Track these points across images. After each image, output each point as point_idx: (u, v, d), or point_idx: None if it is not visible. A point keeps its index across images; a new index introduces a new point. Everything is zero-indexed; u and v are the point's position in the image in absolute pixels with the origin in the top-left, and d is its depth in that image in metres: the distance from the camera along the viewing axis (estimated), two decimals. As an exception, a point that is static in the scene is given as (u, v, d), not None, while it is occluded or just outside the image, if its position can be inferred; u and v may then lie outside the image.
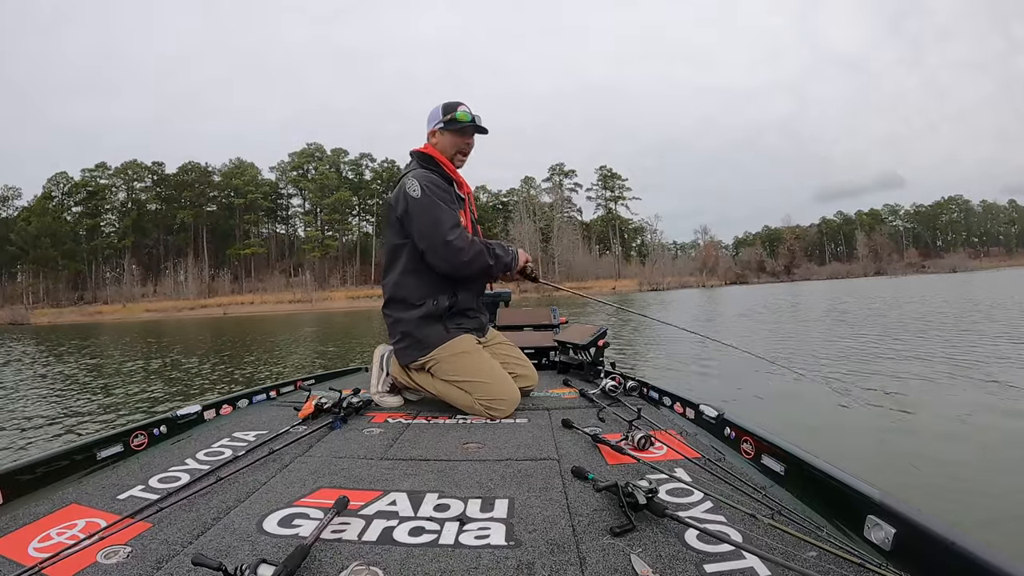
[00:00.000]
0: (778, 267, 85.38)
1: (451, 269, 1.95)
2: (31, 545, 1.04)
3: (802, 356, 7.02)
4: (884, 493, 1.00)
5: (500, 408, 1.92)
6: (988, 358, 5.91)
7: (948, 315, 11.33)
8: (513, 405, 1.95)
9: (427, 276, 2.01)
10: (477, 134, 2.07)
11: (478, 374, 1.97)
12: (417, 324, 2.02)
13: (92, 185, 71.14)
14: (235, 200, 73.83)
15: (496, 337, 2.29)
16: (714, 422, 1.70)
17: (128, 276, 68.11)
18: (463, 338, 2.06)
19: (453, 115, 1.98)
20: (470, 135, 2.05)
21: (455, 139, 2.02)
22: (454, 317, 2.07)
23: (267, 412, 2.11)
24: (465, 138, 2.04)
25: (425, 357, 2.03)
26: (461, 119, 1.98)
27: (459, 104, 2.01)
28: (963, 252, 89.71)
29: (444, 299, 2.03)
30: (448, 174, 2.04)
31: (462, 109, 1.99)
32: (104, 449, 1.55)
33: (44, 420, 5.15)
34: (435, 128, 2.03)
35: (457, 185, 2.09)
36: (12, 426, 4.98)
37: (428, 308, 2.02)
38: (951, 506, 2.38)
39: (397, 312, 2.07)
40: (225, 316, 43.18)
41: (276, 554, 0.96)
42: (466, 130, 2.02)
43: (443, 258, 1.92)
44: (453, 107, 2.00)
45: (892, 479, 2.71)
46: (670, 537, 1.02)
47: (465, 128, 2.01)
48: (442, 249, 1.90)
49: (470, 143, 2.06)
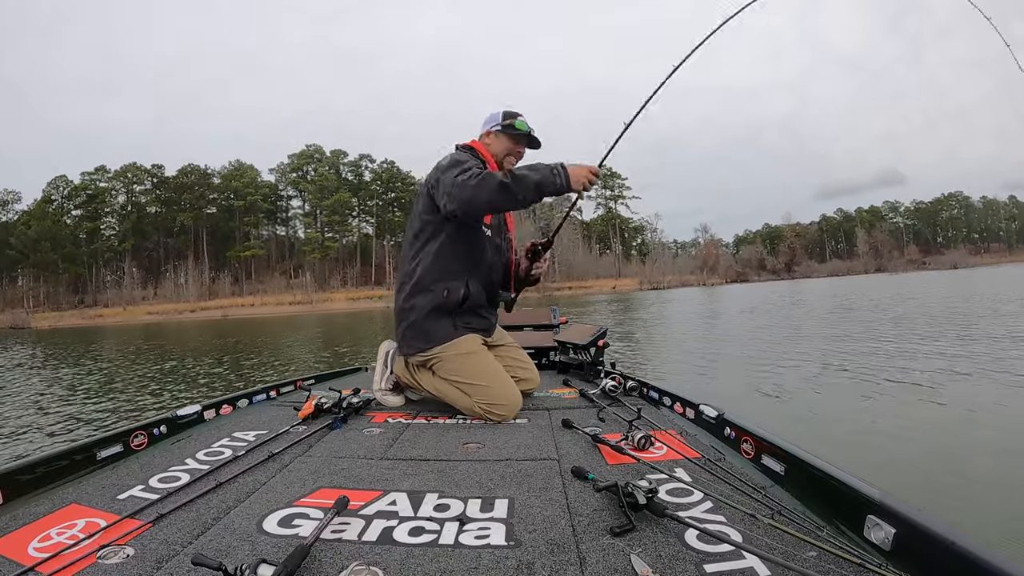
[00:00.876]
0: (779, 265, 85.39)
1: (461, 202, 1.81)
2: (31, 545, 1.04)
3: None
4: (884, 493, 1.00)
5: (499, 413, 1.90)
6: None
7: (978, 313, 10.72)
8: (514, 411, 1.93)
9: (445, 259, 1.99)
10: (529, 148, 2.15)
11: (480, 376, 1.95)
12: (427, 315, 2.00)
13: (92, 188, 71.19)
14: (235, 202, 73.94)
15: (503, 338, 2.28)
16: (714, 422, 1.70)
17: (128, 279, 68.17)
18: (469, 338, 2.04)
19: (513, 121, 2.08)
20: (524, 144, 2.13)
21: (509, 144, 2.09)
22: (464, 315, 2.04)
23: (267, 412, 2.11)
24: (519, 146, 2.11)
25: (429, 352, 2.02)
26: (519, 127, 2.08)
27: (519, 114, 2.11)
28: (964, 248, 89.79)
29: (458, 288, 1.99)
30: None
31: (521, 119, 2.10)
32: (104, 449, 1.55)
33: (47, 424, 5.16)
34: (491, 129, 2.10)
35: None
36: (13, 428, 4.99)
37: (439, 297, 1.98)
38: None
39: (409, 298, 2.03)
40: (225, 319, 43.17)
41: (276, 554, 0.96)
42: (521, 139, 2.11)
43: (452, 195, 1.82)
44: (514, 115, 2.10)
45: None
46: (670, 537, 1.02)
47: (520, 137, 2.10)
48: (451, 187, 1.82)
49: (522, 152, 2.13)
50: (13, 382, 8.65)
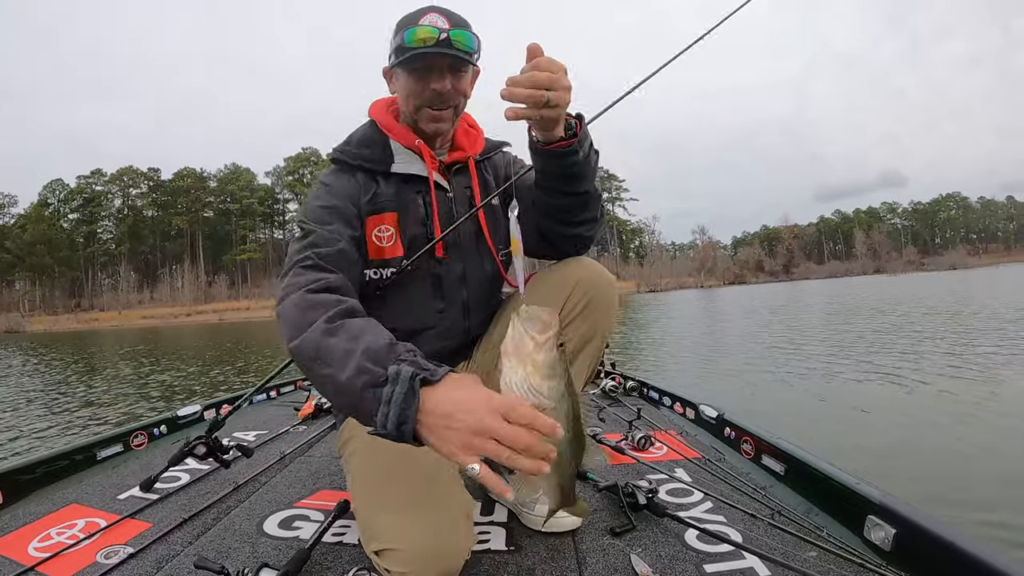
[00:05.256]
0: (776, 267, 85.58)
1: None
2: (31, 545, 1.04)
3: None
4: (884, 493, 1.00)
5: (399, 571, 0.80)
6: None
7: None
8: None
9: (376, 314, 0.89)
10: (455, 68, 1.00)
11: (372, 489, 0.91)
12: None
13: (88, 192, 71.21)
14: (231, 205, 73.97)
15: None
16: (714, 422, 1.70)
17: (124, 283, 67.97)
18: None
19: (403, 35, 0.98)
20: (438, 71, 0.99)
21: (409, 82, 1.02)
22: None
23: (267, 412, 2.11)
24: (426, 79, 1.00)
25: (343, 432, 1.05)
26: (412, 43, 0.96)
27: (423, 13, 0.98)
28: (962, 249, 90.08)
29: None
30: (386, 155, 1.06)
31: (424, 22, 0.97)
32: (104, 449, 1.55)
33: (48, 427, 5.13)
34: (390, 67, 1.06)
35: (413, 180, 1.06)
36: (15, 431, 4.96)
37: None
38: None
39: None
40: (221, 323, 43.03)
41: (276, 556, 0.96)
42: (424, 63, 0.99)
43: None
44: (408, 22, 0.99)
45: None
46: (670, 537, 1.02)
47: (420, 58, 0.98)
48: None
49: (440, 87, 1.00)
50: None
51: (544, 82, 0.79)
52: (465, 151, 1.12)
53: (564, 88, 0.81)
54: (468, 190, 1.11)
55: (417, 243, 1.03)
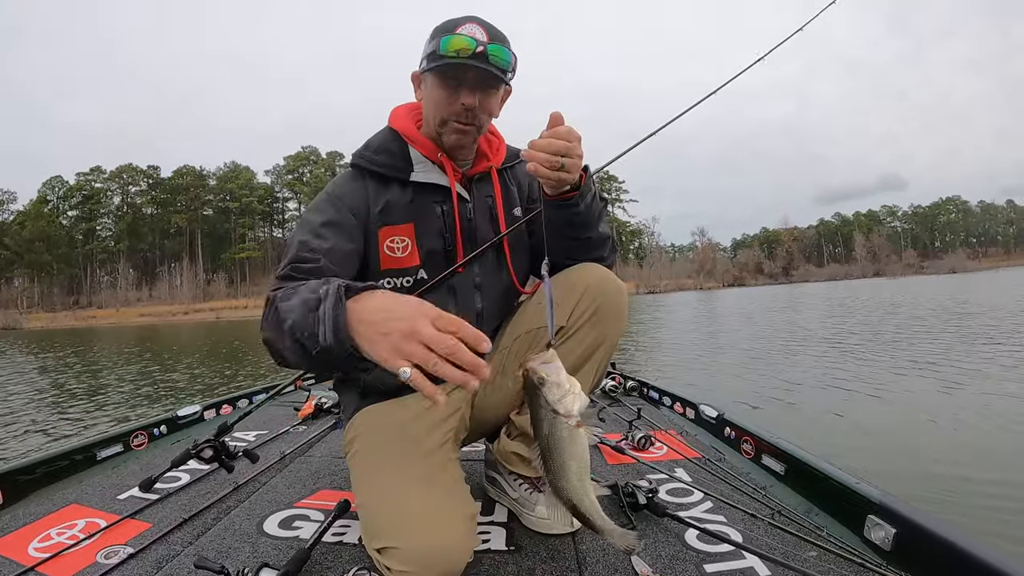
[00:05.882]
0: (776, 269, 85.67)
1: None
2: (31, 545, 1.04)
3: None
4: (884, 493, 1.01)
5: (400, 571, 0.81)
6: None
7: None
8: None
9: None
10: (487, 83, 0.97)
11: (375, 491, 0.92)
12: (339, 379, 1.17)
13: (87, 189, 71.08)
14: (230, 204, 73.87)
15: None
16: (714, 422, 1.70)
17: (123, 281, 67.87)
18: (384, 408, 1.03)
19: (438, 42, 0.94)
20: (468, 85, 0.96)
21: (438, 92, 0.98)
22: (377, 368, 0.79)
23: (267, 412, 2.10)
24: (455, 91, 0.97)
25: (348, 431, 1.07)
26: (447, 51, 0.93)
27: (462, 22, 0.95)
28: (961, 253, 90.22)
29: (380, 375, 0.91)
30: (406, 163, 1.04)
31: (462, 31, 0.94)
32: (104, 449, 1.55)
33: (48, 427, 5.13)
34: (420, 72, 1.03)
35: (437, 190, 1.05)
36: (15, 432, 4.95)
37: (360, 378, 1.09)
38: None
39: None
40: (218, 321, 42.96)
41: (277, 556, 0.96)
42: (456, 74, 0.96)
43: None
44: (446, 29, 0.96)
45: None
46: (670, 537, 1.02)
47: (453, 70, 0.95)
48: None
49: (468, 102, 0.96)
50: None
51: (561, 150, 0.85)
52: (488, 160, 1.11)
53: (577, 156, 0.88)
54: (489, 199, 1.10)
55: (435, 255, 1.04)
